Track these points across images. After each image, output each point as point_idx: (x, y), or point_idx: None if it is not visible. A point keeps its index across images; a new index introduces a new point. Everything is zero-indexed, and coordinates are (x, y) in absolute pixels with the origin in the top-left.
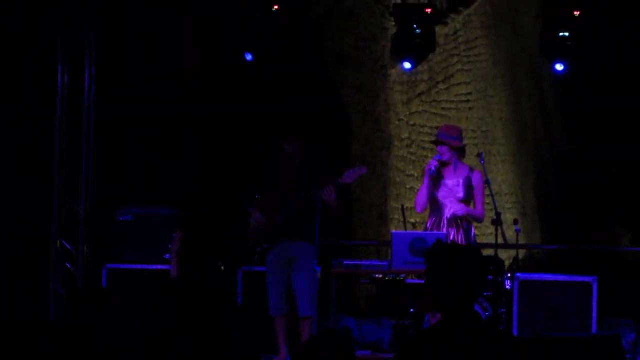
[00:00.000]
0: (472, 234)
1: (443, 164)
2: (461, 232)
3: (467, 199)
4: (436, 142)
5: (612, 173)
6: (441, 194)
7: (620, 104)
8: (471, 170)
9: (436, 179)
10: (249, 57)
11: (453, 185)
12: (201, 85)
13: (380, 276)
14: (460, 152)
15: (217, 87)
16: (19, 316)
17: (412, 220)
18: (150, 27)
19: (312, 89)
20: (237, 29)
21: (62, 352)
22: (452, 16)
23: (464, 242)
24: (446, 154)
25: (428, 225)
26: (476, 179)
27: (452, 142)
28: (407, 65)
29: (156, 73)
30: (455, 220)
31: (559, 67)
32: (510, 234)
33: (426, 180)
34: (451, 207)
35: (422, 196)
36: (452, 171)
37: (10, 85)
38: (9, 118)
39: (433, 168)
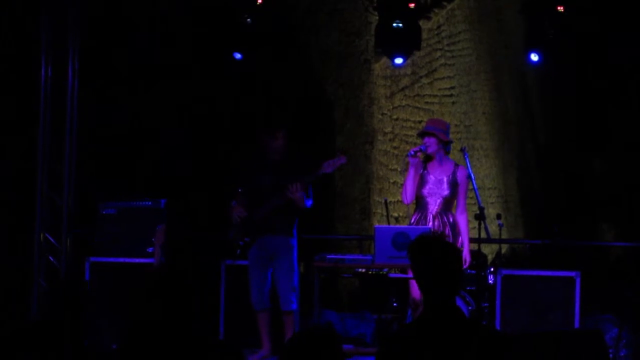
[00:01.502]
0: (458, 229)
1: (427, 158)
2: (447, 228)
3: (452, 196)
4: (423, 134)
5: (595, 168)
6: (426, 190)
7: (603, 99)
8: (456, 165)
9: (422, 176)
10: (237, 56)
11: (438, 181)
12: (185, 79)
13: (363, 270)
14: (446, 146)
15: (201, 81)
16: (1, 309)
17: (395, 214)
18: (136, 16)
19: (296, 82)
20: (223, 23)
21: (45, 350)
22: (436, 10)
23: (450, 238)
24: (433, 145)
25: (412, 221)
26: (461, 175)
27: (440, 135)
28: (399, 60)
29: (141, 66)
30: (440, 215)
31: (534, 57)
32: (493, 228)
33: (411, 171)
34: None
35: (409, 187)
36: (437, 166)
37: None
38: None
39: (412, 152)
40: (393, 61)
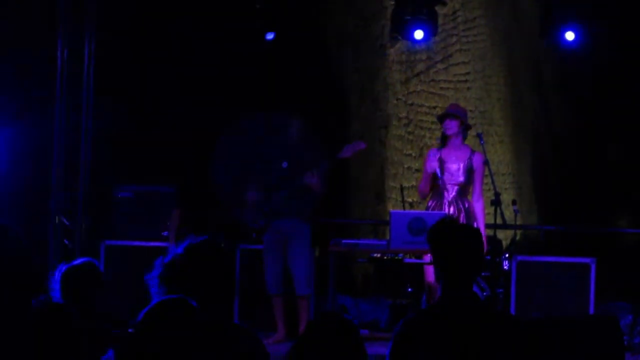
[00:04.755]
0: (474, 215)
1: (444, 143)
2: (463, 214)
3: (467, 183)
4: (444, 117)
5: (610, 154)
6: (443, 178)
7: (619, 86)
8: (472, 152)
9: (438, 163)
10: (270, 36)
11: (455, 170)
12: (201, 63)
13: (379, 255)
14: (465, 131)
15: (217, 66)
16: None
17: (410, 200)
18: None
19: (312, 67)
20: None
21: (58, 334)
22: None
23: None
24: (454, 127)
25: (429, 205)
26: (477, 161)
27: (463, 117)
28: (419, 34)
29: (158, 51)
30: (456, 201)
31: (570, 35)
32: (508, 214)
33: (426, 172)
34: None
35: (425, 187)
36: (453, 152)
37: (10, 63)
38: (8, 96)
39: (436, 169)
40: (412, 36)
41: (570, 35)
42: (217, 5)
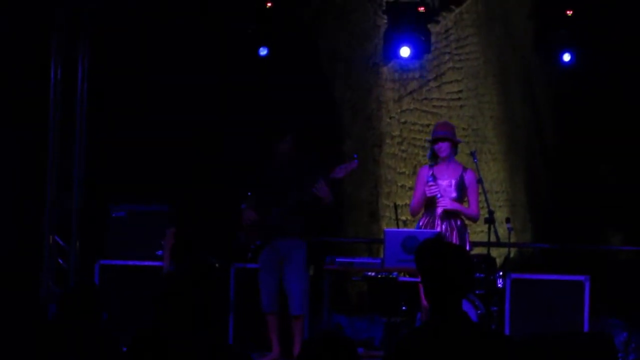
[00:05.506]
0: (466, 233)
1: (435, 162)
2: (455, 232)
3: (460, 199)
4: (436, 140)
5: (602, 172)
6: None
7: (612, 103)
8: (464, 169)
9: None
10: (264, 51)
11: (446, 185)
12: (195, 83)
13: (373, 274)
14: (456, 148)
15: (211, 84)
16: (10, 312)
17: (403, 218)
18: (147, 23)
19: (305, 85)
20: (232, 25)
21: (57, 352)
22: (444, 14)
23: (457, 241)
24: (446, 150)
25: (420, 224)
26: (469, 178)
27: (454, 138)
28: (405, 52)
29: (152, 69)
30: (448, 219)
31: (567, 57)
32: (502, 232)
33: (419, 190)
34: (441, 202)
35: (417, 205)
36: (445, 169)
37: (2, 80)
38: (0, 113)
39: (437, 195)
40: (397, 54)
41: (566, 57)
42: (213, 21)
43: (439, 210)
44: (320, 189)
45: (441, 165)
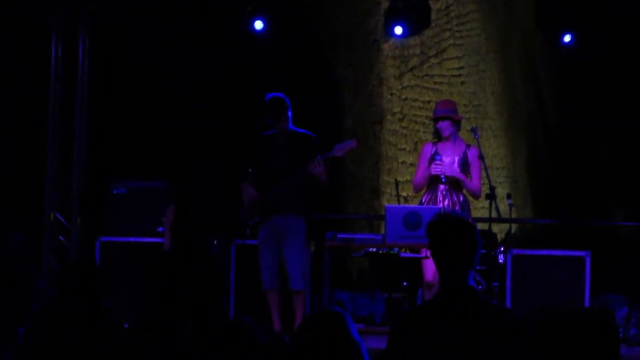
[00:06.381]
0: (468, 208)
1: (439, 139)
2: (457, 207)
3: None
4: (437, 119)
5: (603, 148)
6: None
7: (613, 80)
8: (467, 146)
9: (433, 158)
10: (258, 25)
11: (450, 162)
12: (196, 59)
13: (374, 250)
14: (458, 125)
15: (211, 61)
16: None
17: (404, 194)
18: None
19: (306, 63)
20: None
21: (58, 330)
22: None
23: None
24: (448, 128)
25: (423, 200)
26: (472, 154)
27: (454, 116)
28: (399, 30)
29: (151, 45)
30: (450, 195)
31: (567, 38)
32: (503, 207)
33: (422, 167)
34: (442, 168)
35: (420, 181)
36: (449, 147)
37: (4, 58)
38: (1, 92)
39: (443, 178)
40: (393, 31)
41: (567, 38)
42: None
43: (442, 187)
44: (315, 167)
45: (445, 142)
